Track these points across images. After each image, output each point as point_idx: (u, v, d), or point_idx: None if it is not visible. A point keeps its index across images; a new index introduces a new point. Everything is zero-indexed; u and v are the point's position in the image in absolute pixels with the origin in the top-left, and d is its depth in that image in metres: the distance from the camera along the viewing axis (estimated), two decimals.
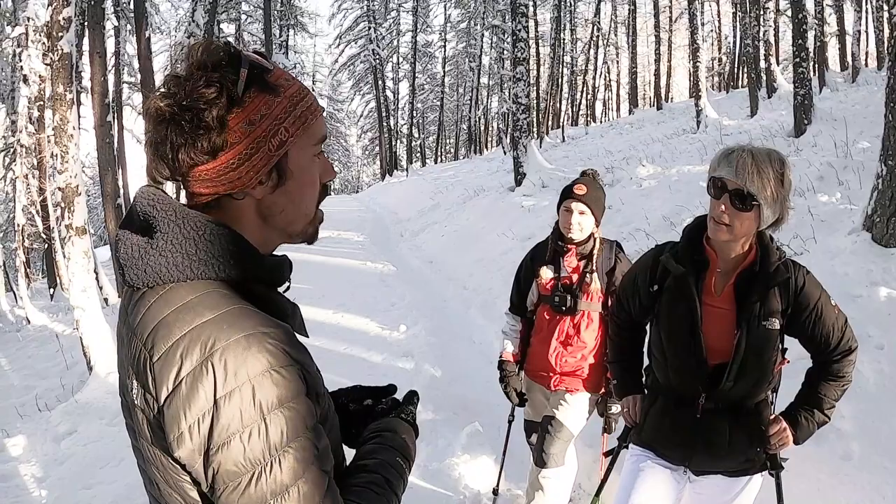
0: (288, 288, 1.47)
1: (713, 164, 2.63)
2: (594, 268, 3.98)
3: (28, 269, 23.52)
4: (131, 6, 19.87)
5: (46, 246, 21.40)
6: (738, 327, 2.65)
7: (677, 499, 2.96)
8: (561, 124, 36.85)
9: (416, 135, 58.90)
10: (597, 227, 4.03)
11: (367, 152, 71.68)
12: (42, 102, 16.08)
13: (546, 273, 4.08)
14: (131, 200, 1.39)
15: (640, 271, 3.01)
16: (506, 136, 28.49)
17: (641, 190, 11.64)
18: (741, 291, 2.68)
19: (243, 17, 39.24)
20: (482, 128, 54.64)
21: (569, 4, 39.34)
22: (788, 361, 2.80)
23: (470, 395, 6.65)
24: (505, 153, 26.48)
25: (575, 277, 4.02)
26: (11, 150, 20.72)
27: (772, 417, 2.79)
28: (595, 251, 4.01)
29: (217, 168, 1.29)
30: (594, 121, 44.92)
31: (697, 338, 2.69)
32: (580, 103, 45.77)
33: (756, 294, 2.64)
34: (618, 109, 52.07)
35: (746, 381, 2.69)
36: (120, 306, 1.42)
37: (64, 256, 10.02)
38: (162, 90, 1.29)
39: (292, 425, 1.20)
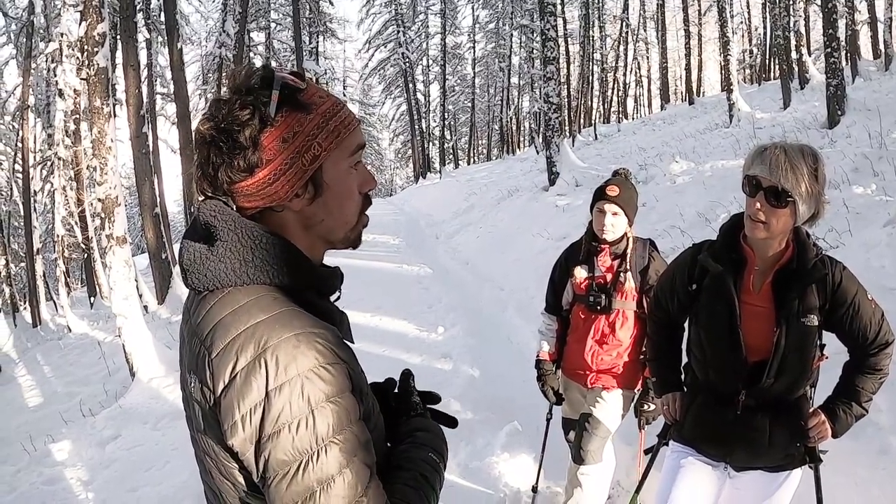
0: (338, 297, 1.57)
1: (747, 162, 2.64)
2: (628, 267, 3.99)
3: (68, 279, 23.87)
4: (162, 19, 20.06)
5: (86, 255, 21.70)
6: (778, 325, 2.65)
7: (717, 495, 2.98)
8: (593, 122, 36.62)
9: (449, 136, 58.81)
10: (630, 226, 4.04)
11: (399, 155, 71.75)
12: (77, 116, 16.35)
13: (580, 273, 4.10)
14: (176, 213, 1.47)
15: (678, 271, 3.02)
16: (538, 136, 28.38)
17: (675, 186, 11.57)
18: (779, 289, 2.69)
19: (273, 25, 39.44)
20: (514, 128, 54.40)
21: (597, 1, 39.10)
22: (827, 357, 2.80)
23: (508, 395, 6.67)
24: (537, 153, 26.41)
25: (609, 277, 4.03)
26: (49, 162, 21.05)
27: (810, 411, 2.80)
28: (629, 250, 4.02)
29: (255, 184, 1.39)
30: (626, 117, 44.66)
31: (737, 336, 2.71)
32: (611, 100, 45.51)
33: (794, 291, 2.65)
34: (649, 105, 51.49)
35: (786, 378, 2.71)
36: (184, 308, 1.53)
37: (104, 266, 10.20)
38: (206, 113, 1.41)
39: (338, 418, 1.28)
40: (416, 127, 51.30)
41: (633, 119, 44.00)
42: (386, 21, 53.25)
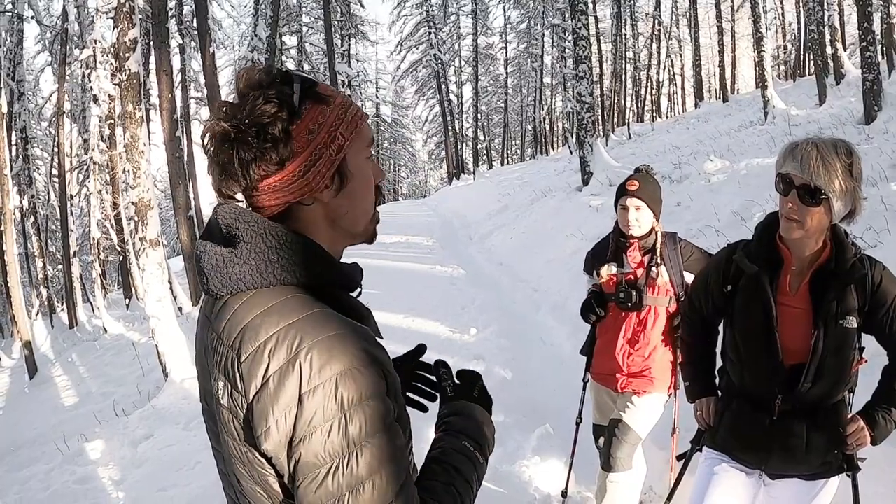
0: (360, 293, 1.55)
1: (779, 159, 2.56)
2: (660, 261, 3.91)
3: (104, 281, 24.17)
4: (195, 24, 20.25)
5: (121, 258, 21.93)
6: (815, 327, 2.56)
7: (752, 503, 2.88)
8: (626, 121, 36.35)
9: (482, 137, 58.83)
10: (656, 220, 3.97)
11: (433, 157, 71.78)
12: (112, 121, 16.51)
13: (607, 270, 4.02)
14: (210, 215, 1.50)
15: (713, 271, 2.94)
16: (571, 136, 28.26)
17: (710, 185, 11.40)
18: (817, 290, 2.60)
19: (304, 28, 39.71)
20: (547, 128, 54.22)
21: (628, 0, 38.87)
22: (866, 361, 2.70)
23: (541, 397, 6.60)
24: (571, 153, 26.30)
25: (640, 272, 3.95)
26: (85, 167, 21.32)
27: (849, 417, 2.70)
28: (658, 244, 3.94)
29: (286, 178, 1.39)
30: (660, 116, 44.30)
31: (773, 339, 2.62)
32: (645, 99, 45.22)
33: (832, 292, 2.56)
34: (683, 103, 50.97)
35: (824, 383, 2.61)
36: (200, 316, 1.53)
37: (138, 268, 10.27)
38: (219, 115, 1.39)
39: (371, 422, 1.26)
40: (450, 128, 51.24)
41: (666, 117, 43.59)
42: (417, 22, 53.39)
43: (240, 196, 1.46)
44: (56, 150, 22.60)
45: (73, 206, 24.32)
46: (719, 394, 3.02)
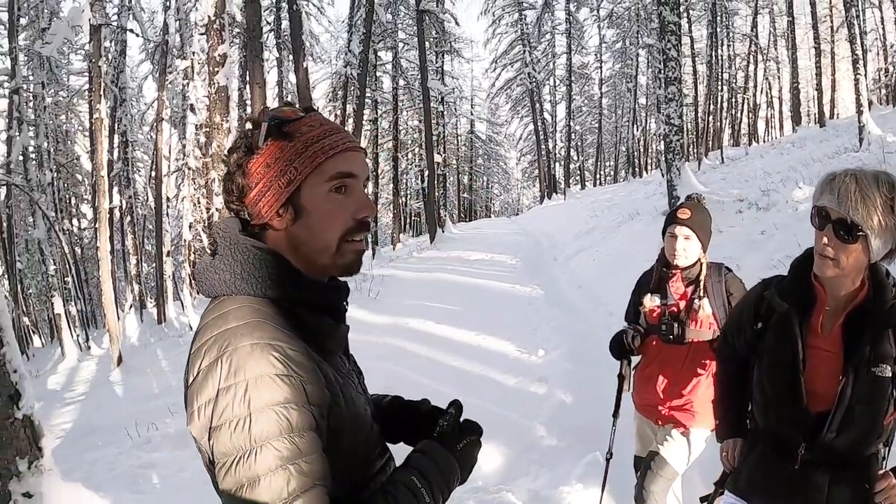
0: (345, 311, 1.70)
1: (816, 191, 2.40)
2: (703, 293, 3.79)
3: (194, 281, 24.84)
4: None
5: None
6: (845, 373, 2.38)
7: None
8: (720, 145, 35.53)
9: (575, 157, 58.46)
10: (703, 252, 3.84)
11: (526, 175, 71.66)
12: (207, 129, 17.03)
13: (650, 301, 3.92)
14: None
15: (746, 307, 2.80)
16: (663, 158, 27.88)
17: (797, 214, 11.02)
18: (850, 333, 2.41)
19: (400, 44, 39.98)
20: (641, 149, 53.48)
21: (724, 20, 37.99)
22: None
23: (598, 423, 6.44)
24: (662, 176, 25.95)
25: (682, 304, 3.84)
26: (181, 171, 22.02)
27: (880, 472, 2.47)
28: (702, 276, 3.81)
29: (249, 203, 1.58)
30: (756, 140, 43.16)
31: (798, 382, 2.46)
32: (740, 122, 44.19)
33: (867, 336, 2.37)
34: (780, 127, 49.34)
35: (852, 433, 2.41)
36: None
37: None
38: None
39: (276, 425, 1.35)
40: (543, 147, 50.91)
41: (763, 142, 42.44)
42: (512, 41, 53.24)
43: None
44: (155, 154, 23.37)
45: (170, 208, 25.16)
46: (747, 435, 2.88)
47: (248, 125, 1.60)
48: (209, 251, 1.62)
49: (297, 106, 1.66)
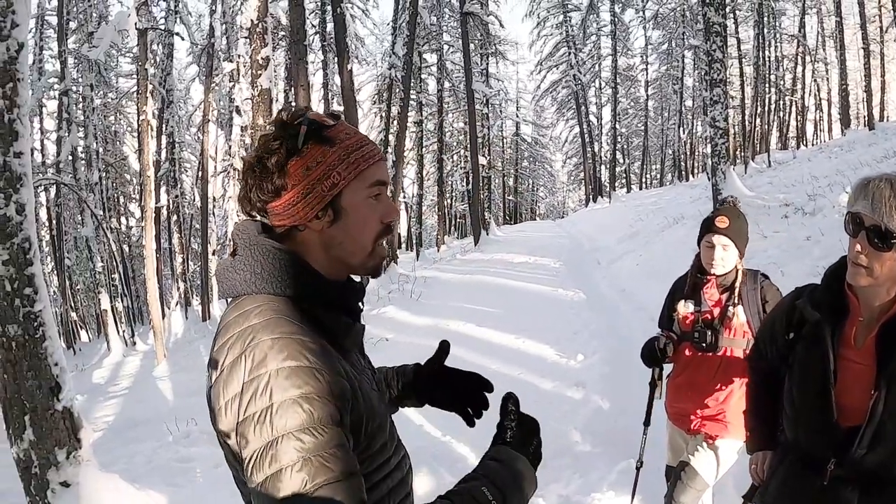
0: (361, 311, 1.74)
1: (850, 197, 2.33)
2: (737, 301, 3.71)
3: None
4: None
5: None
6: (877, 387, 2.27)
7: None
8: (768, 148, 34.96)
9: (621, 160, 58.07)
10: (740, 258, 3.78)
11: (571, 177, 71.33)
12: (252, 131, 17.24)
13: (684, 308, 3.87)
14: None
15: (778, 316, 2.73)
16: (709, 162, 27.59)
17: (843, 220, 10.84)
18: (884, 345, 2.30)
19: (445, 47, 40.05)
20: (687, 152, 52.83)
21: (771, 20, 37.38)
22: None
23: (633, 430, 6.39)
24: (708, 179, 25.69)
25: (717, 311, 3.77)
26: (227, 172, 22.31)
27: None
28: (737, 283, 3.74)
29: (283, 205, 1.59)
30: (805, 143, 42.41)
31: (828, 394, 2.36)
32: (788, 125, 43.50)
33: None
34: (829, 130, 48.22)
35: (883, 450, 2.29)
36: None
37: None
38: (255, 145, 1.64)
39: (299, 417, 1.36)
40: (588, 149, 50.54)
41: (811, 145, 41.65)
42: (557, 43, 52.80)
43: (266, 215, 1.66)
44: (202, 154, 23.68)
45: (216, 208, 25.45)
46: (778, 448, 2.79)
47: (271, 128, 1.62)
48: (229, 252, 1.64)
49: (341, 109, 1.67)
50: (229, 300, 1.62)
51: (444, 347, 2.12)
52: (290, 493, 1.32)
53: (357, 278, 1.74)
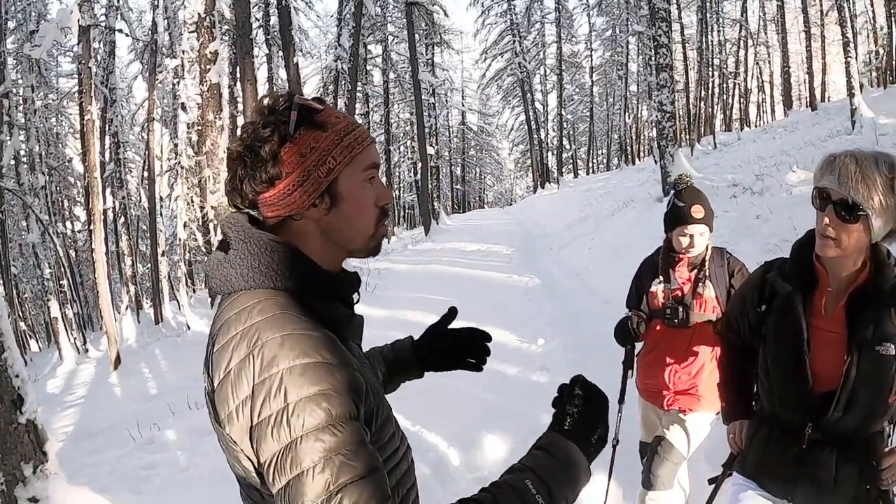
0: (357, 301, 1.73)
1: (816, 173, 2.43)
2: (707, 275, 3.80)
3: (189, 280, 24.81)
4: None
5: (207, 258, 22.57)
6: (849, 353, 2.40)
7: None
8: (713, 130, 35.54)
9: (567, 146, 58.47)
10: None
11: (518, 165, 71.66)
12: (199, 127, 17.07)
13: (656, 287, 3.94)
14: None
15: (749, 290, 2.82)
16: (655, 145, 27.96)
17: (791, 198, 11.04)
18: (853, 313, 2.44)
19: (390, 37, 40.01)
20: (633, 137, 53.38)
21: (713, 6, 37.92)
22: None
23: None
24: (655, 162, 26.03)
25: (687, 288, 3.85)
26: (174, 171, 22.04)
27: (885, 450, 2.53)
28: (706, 259, 3.84)
29: (277, 194, 1.53)
30: (748, 125, 43.13)
31: (803, 363, 2.48)
32: (732, 107, 44.18)
33: (869, 316, 2.40)
34: (772, 112, 49.06)
35: (857, 412, 2.45)
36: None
37: None
38: (239, 136, 1.57)
39: (316, 416, 1.32)
40: (535, 136, 50.89)
41: (755, 126, 42.37)
42: (502, 31, 53.15)
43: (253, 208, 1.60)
44: (147, 154, 23.35)
45: (164, 208, 25.14)
46: (754, 417, 2.90)
47: (258, 116, 1.55)
48: (213, 247, 1.60)
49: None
50: (219, 297, 1.56)
51: (452, 312, 2.21)
52: (314, 496, 1.27)
53: (351, 268, 1.73)
